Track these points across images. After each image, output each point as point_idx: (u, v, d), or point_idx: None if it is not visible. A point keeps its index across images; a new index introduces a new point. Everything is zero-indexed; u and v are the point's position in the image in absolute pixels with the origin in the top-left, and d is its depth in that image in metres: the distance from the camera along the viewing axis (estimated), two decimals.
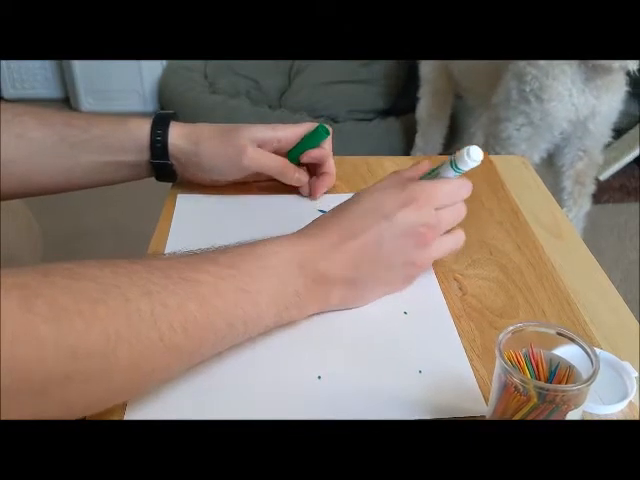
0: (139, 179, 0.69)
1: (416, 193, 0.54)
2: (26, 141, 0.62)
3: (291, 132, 0.68)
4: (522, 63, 1.40)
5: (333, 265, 0.52)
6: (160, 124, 0.66)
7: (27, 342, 0.37)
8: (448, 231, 0.57)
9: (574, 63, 1.33)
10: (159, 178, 0.69)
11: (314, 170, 0.71)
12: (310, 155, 0.69)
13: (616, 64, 1.28)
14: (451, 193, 0.56)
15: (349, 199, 0.56)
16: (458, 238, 0.58)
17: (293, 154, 0.69)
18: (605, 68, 1.31)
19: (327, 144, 0.69)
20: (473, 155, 0.54)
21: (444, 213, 0.55)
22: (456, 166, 0.55)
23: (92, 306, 0.40)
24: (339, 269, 0.52)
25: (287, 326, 0.54)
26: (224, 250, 0.50)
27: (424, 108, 1.95)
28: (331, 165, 0.70)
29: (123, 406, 0.47)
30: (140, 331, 0.42)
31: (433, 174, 0.58)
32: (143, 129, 0.65)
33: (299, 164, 0.70)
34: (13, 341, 0.36)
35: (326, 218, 0.55)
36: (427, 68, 1.88)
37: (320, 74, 2.19)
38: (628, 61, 1.28)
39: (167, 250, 0.62)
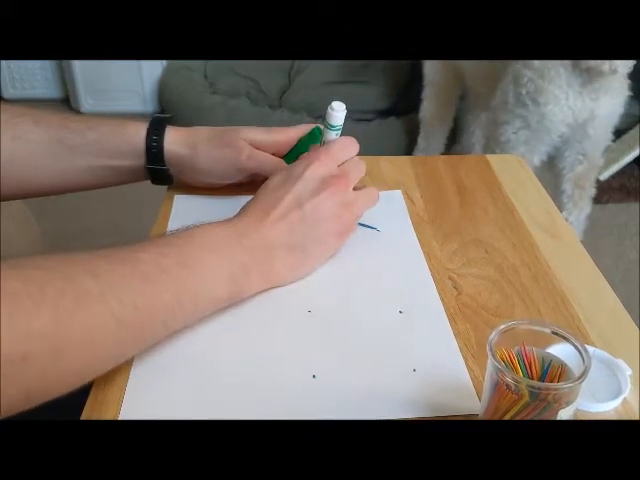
0: (136, 182, 0.69)
1: (315, 155, 0.59)
2: (23, 143, 0.63)
3: (287, 135, 0.68)
4: (518, 65, 1.39)
5: (269, 232, 0.56)
6: (156, 129, 0.66)
7: None
8: (360, 187, 0.61)
9: (568, 66, 1.32)
10: (155, 182, 0.69)
11: None
12: None
13: (606, 67, 1.28)
14: (342, 148, 0.60)
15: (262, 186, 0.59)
16: (371, 192, 0.62)
17: (290, 157, 0.68)
18: (596, 71, 1.30)
19: (324, 129, 0.70)
20: (336, 107, 0.59)
21: (345, 165, 0.60)
22: (330, 125, 0.60)
23: (40, 288, 0.41)
24: (276, 235, 0.56)
25: (282, 325, 0.54)
26: (161, 236, 0.53)
27: (428, 110, 1.94)
28: None
29: (118, 405, 0.47)
30: (90, 308, 0.43)
31: (321, 145, 0.62)
32: (139, 134, 0.65)
33: None
34: None
35: (246, 203, 0.59)
36: (433, 69, 1.87)
37: (320, 74, 2.20)
38: (618, 64, 1.27)
39: None
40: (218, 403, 0.48)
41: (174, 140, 0.66)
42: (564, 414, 0.40)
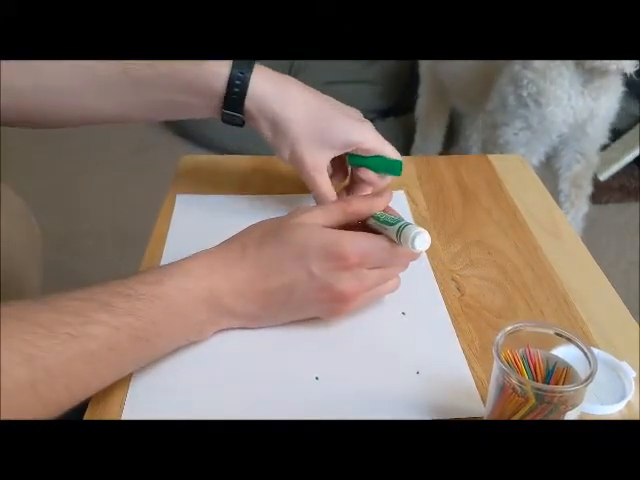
0: (202, 117, 0.65)
1: (346, 251, 0.50)
2: (83, 70, 0.58)
3: (375, 148, 0.63)
4: (517, 67, 1.39)
5: (240, 303, 0.51)
6: (241, 69, 0.60)
7: None
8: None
9: (571, 66, 1.32)
10: (226, 121, 0.63)
11: (351, 182, 0.68)
12: (371, 178, 0.65)
13: (613, 66, 1.27)
14: (387, 259, 0.52)
15: (281, 230, 0.52)
16: (385, 287, 0.54)
17: (357, 160, 0.65)
18: (602, 71, 1.29)
19: (388, 179, 0.66)
20: (417, 245, 0.50)
21: (372, 275, 0.52)
22: (399, 240, 0.50)
23: None
24: (246, 307, 0.51)
25: (284, 327, 0.54)
26: (124, 289, 0.46)
27: (422, 106, 1.95)
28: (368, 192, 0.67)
29: (120, 405, 0.47)
30: (17, 400, 0.40)
31: (381, 222, 0.53)
32: (220, 72, 0.59)
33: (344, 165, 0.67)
34: None
35: (251, 243, 0.52)
36: (423, 67, 1.88)
37: (320, 74, 2.19)
38: (625, 64, 1.27)
39: (166, 250, 0.62)
40: (220, 404, 0.48)
41: (263, 89, 0.61)
42: (570, 417, 0.40)
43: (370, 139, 0.63)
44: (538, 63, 1.35)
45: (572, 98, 1.35)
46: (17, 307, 0.43)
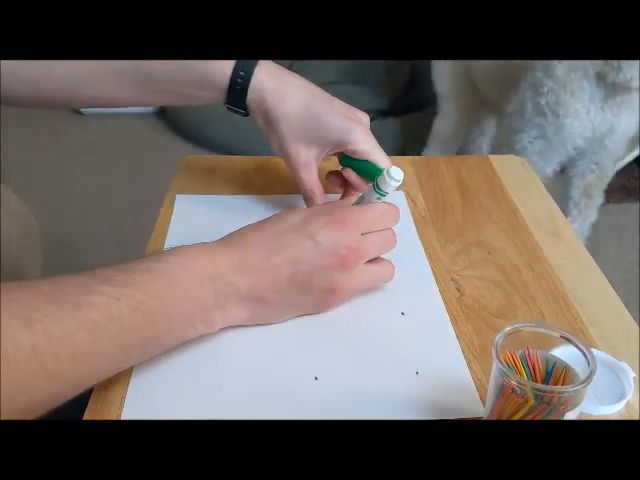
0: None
1: (342, 215, 0.53)
2: (100, 62, 0.61)
3: (363, 151, 0.62)
4: (539, 74, 1.37)
5: (248, 281, 0.50)
6: (244, 68, 0.62)
7: None
8: (376, 261, 0.56)
9: (592, 80, 1.30)
10: (231, 110, 0.66)
11: (345, 181, 0.67)
12: (354, 181, 0.64)
13: (635, 83, 1.25)
14: (377, 218, 0.55)
15: (277, 214, 0.55)
16: (385, 270, 0.57)
17: (347, 161, 0.64)
18: (624, 87, 1.27)
19: (370, 187, 0.64)
20: (394, 175, 0.54)
21: (370, 238, 0.54)
22: (378, 188, 0.55)
23: None
24: (254, 286, 0.50)
25: (284, 327, 0.54)
26: (124, 266, 0.47)
27: (442, 127, 1.87)
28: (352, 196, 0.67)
29: (120, 405, 0.47)
30: (18, 366, 0.39)
31: (359, 200, 0.58)
32: (225, 70, 0.61)
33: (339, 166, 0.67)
34: None
35: (250, 229, 0.53)
36: (446, 85, 1.81)
37: (320, 74, 2.19)
38: None
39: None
40: (219, 404, 0.48)
41: (264, 89, 0.62)
42: (569, 417, 0.40)
43: (360, 142, 0.62)
44: (559, 72, 1.33)
45: (591, 112, 1.33)
46: (19, 282, 0.43)
